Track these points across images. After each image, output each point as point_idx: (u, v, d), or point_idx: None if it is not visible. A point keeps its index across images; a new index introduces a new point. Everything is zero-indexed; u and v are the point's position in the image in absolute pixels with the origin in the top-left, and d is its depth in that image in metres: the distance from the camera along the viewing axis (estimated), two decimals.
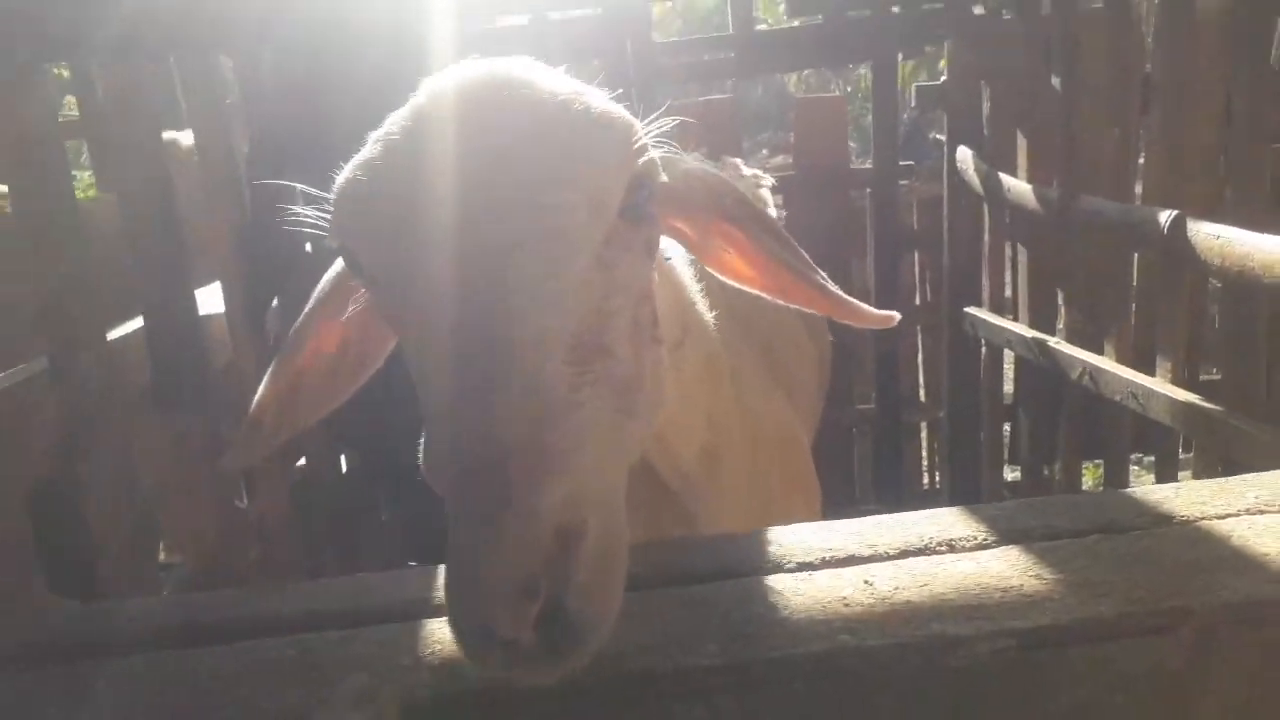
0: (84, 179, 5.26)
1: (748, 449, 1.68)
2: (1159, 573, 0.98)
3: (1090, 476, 4.49)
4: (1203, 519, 1.09)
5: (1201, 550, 1.02)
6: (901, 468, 4.58)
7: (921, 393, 5.36)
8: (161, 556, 2.89)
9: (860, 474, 4.97)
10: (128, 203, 2.00)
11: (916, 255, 5.16)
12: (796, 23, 4.74)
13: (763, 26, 4.46)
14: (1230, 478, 1.20)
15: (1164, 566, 0.99)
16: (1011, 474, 4.23)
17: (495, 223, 0.91)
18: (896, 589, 1.00)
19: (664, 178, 1.10)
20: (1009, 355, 3.77)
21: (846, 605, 0.98)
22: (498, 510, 0.78)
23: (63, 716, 0.93)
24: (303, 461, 2.77)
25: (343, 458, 2.85)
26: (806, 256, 1.22)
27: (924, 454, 5.36)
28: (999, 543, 1.09)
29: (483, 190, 0.92)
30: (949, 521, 1.15)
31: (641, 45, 3.67)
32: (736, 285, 1.28)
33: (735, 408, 1.61)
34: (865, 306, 1.23)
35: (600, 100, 1.02)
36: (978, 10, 3.57)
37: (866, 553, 1.10)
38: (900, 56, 3.96)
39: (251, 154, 2.23)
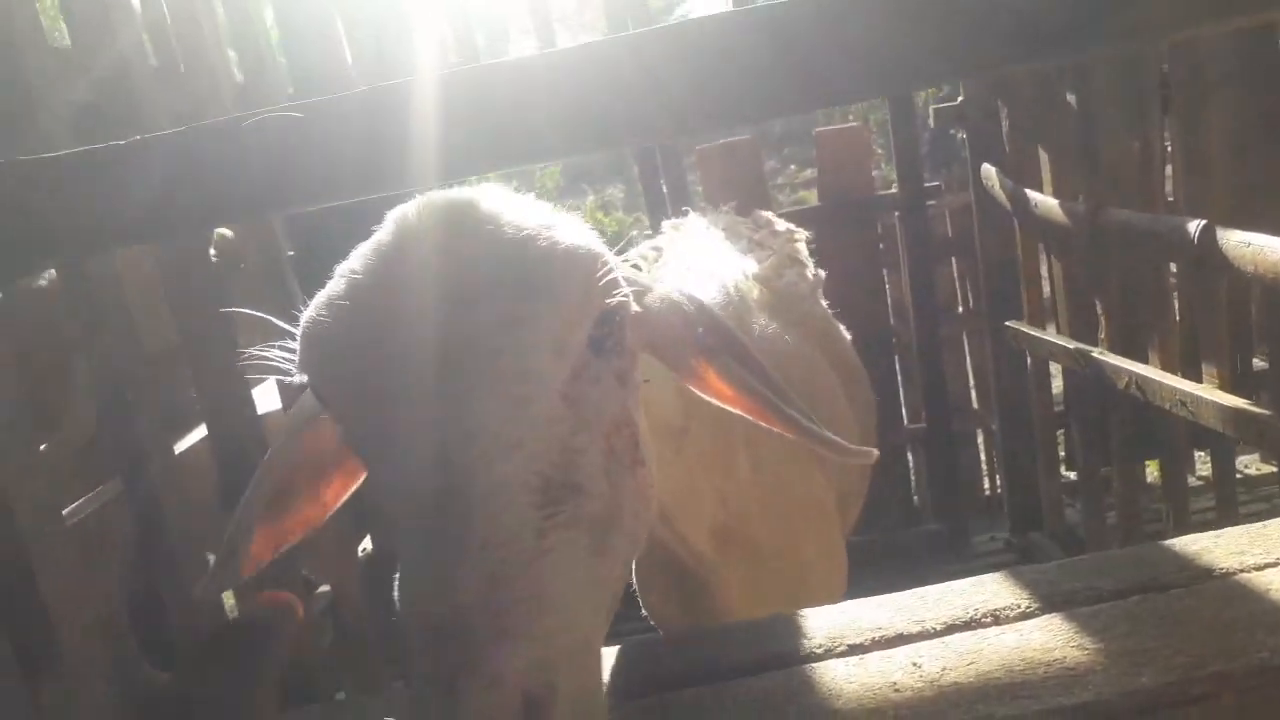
0: None
1: (771, 519, 1.67)
2: (1199, 635, 1.01)
3: (1152, 468, 4.43)
4: (1241, 571, 1.12)
5: (1240, 608, 1.04)
6: (958, 483, 4.56)
7: (973, 398, 5.32)
8: None
9: (919, 492, 4.95)
10: (181, 307, 2.10)
11: (954, 262, 5.16)
12: None
13: None
14: (1270, 522, 1.22)
15: (1204, 627, 1.02)
16: (1068, 476, 4.20)
17: (453, 368, 0.89)
18: (944, 670, 1.04)
19: (635, 308, 1.09)
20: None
21: (897, 691, 1.02)
22: (460, 675, 0.76)
23: None
24: (368, 541, 2.86)
25: None
26: (781, 385, 1.17)
27: (982, 460, 5.32)
28: (1042, 610, 1.13)
29: (441, 332, 0.91)
30: (993, 590, 1.18)
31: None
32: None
33: (753, 480, 1.61)
34: (842, 443, 1.16)
35: (569, 232, 1.00)
36: None
37: (915, 630, 1.14)
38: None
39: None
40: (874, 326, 4.39)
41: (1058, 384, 4.06)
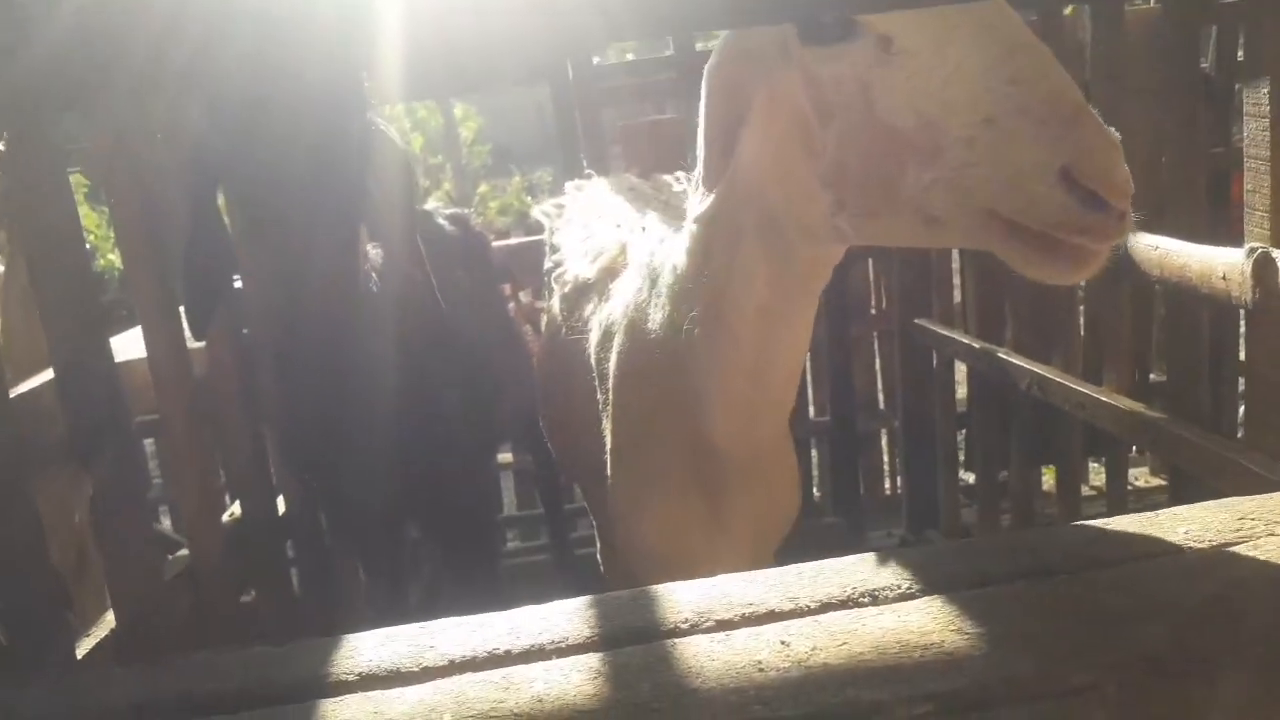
0: None
1: (789, 458, 1.93)
2: (1083, 623, 0.94)
3: (1050, 476, 4.49)
4: (1131, 559, 1.06)
5: (1126, 596, 0.98)
6: (858, 478, 4.55)
7: (880, 400, 5.34)
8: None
9: (821, 486, 4.94)
10: (35, 246, 1.92)
11: (870, 263, 5.16)
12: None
13: (702, 46, 4.42)
14: (1162, 511, 1.17)
15: (1089, 615, 0.95)
16: (968, 478, 4.23)
17: None
18: (814, 649, 0.96)
19: None
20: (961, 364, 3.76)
21: (761, 670, 0.93)
22: (1104, 127, 1.09)
23: None
24: (236, 506, 2.70)
25: (279, 500, 2.79)
26: None
27: (885, 460, 5.34)
28: (924, 592, 1.05)
29: None
30: (873, 569, 1.10)
31: (583, 69, 3.64)
32: None
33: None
34: None
35: None
36: None
37: (788, 607, 1.05)
38: None
39: (191, 169, 2.17)
40: None
41: (962, 390, 4.08)
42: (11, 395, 1.80)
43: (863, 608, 1.03)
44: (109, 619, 2.00)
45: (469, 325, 2.79)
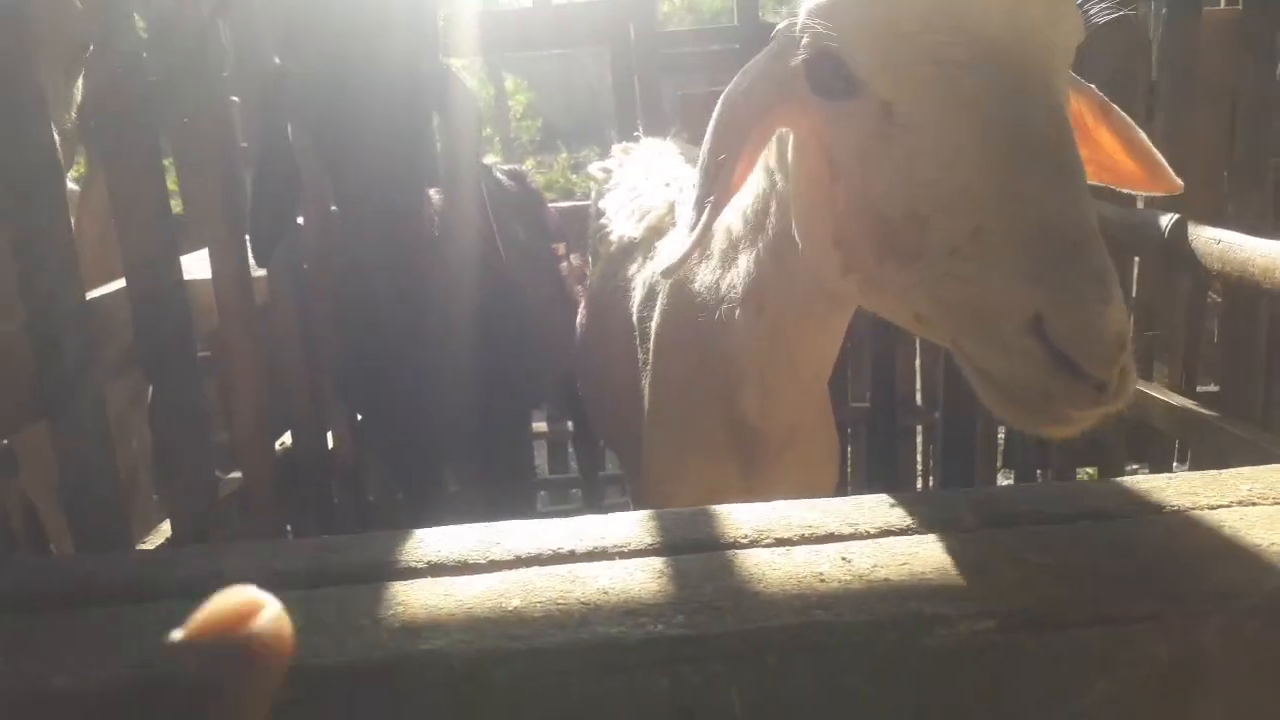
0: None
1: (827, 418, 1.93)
2: (1146, 560, 0.95)
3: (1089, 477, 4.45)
4: (1194, 509, 1.06)
5: (1189, 539, 0.99)
6: (895, 467, 4.54)
7: (918, 396, 5.32)
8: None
9: (855, 473, 4.94)
10: (113, 160, 1.97)
11: None
12: None
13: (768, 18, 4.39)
14: (1225, 470, 1.17)
15: (1151, 554, 0.96)
16: (1006, 479, 4.21)
17: (1024, 38, 1.01)
18: (875, 566, 0.97)
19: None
20: None
21: (823, 581, 0.95)
22: (1104, 274, 0.88)
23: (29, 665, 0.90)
24: (288, 435, 2.75)
25: (329, 433, 2.84)
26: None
27: (919, 457, 5.32)
28: (984, 525, 1.06)
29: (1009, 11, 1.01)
30: (933, 504, 1.12)
31: (645, 32, 3.64)
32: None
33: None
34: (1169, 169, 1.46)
35: None
36: None
37: (847, 531, 1.07)
38: None
39: (264, 103, 2.22)
40: None
41: None
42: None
43: (923, 535, 1.05)
44: (164, 528, 2.05)
45: (525, 279, 2.82)
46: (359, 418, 2.97)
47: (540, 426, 5.08)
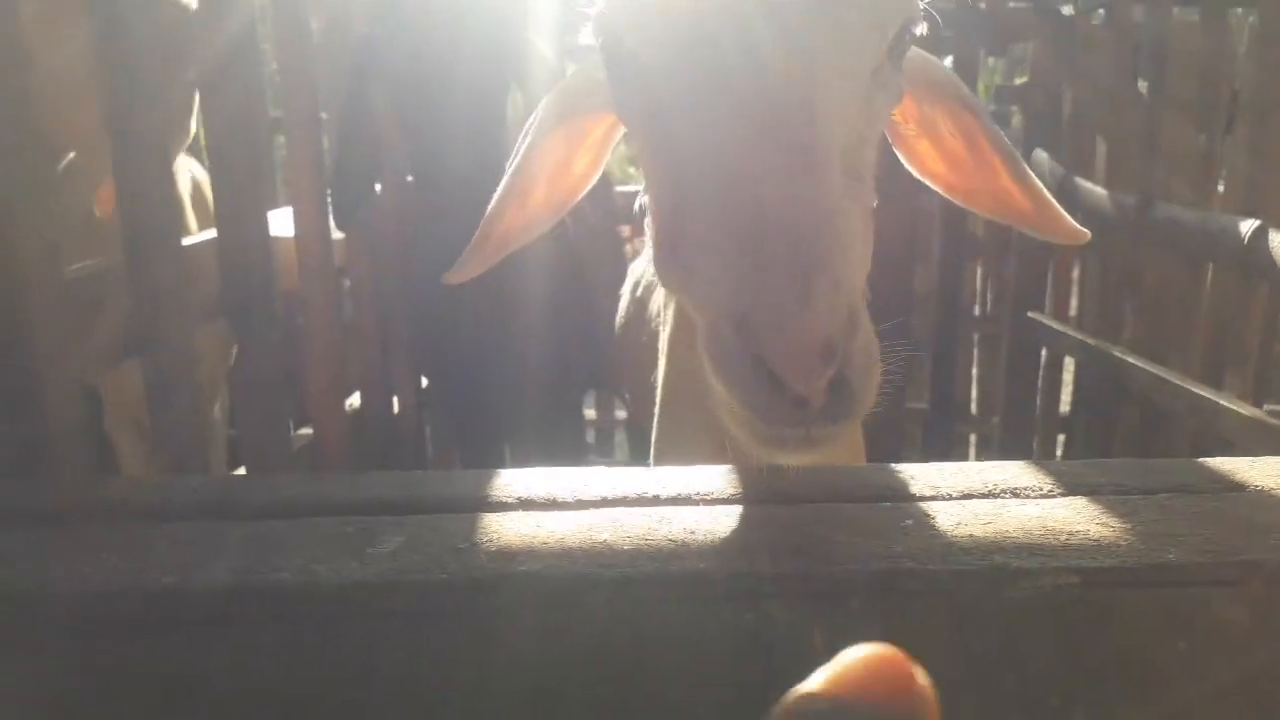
0: None
1: None
2: (1230, 529, 0.96)
3: None
4: (1277, 490, 1.07)
5: (1272, 516, 0.99)
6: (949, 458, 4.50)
7: (973, 406, 5.28)
8: None
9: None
10: (219, 129, 2.04)
11: (980, 265, 5.10)
12: None
13: None
14: None
15: (1235, 524, 0.97)
16: None
17: (792, 27, 0.87)
18: (959, 524, 0.99)
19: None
20: (1067, 368, 3.71)
21: (907, 534, 0.97)
22: (809, 272, 0.77)
23: (128, 568, 0.95)
24: (356, 396, 2.82)
25: (395, 398, 2.90)
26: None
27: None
28: (1065, 494, 1.07)
29: None
30: (1014, 473, 1.13)
31: None
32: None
33: None
34: (1066, 216, 1.24)
35: None
36: (1066, 10, 3.51)
37: (929, 493, 1.09)
38: (984, 53, 3.91)
39: (351, 72, 2.28)
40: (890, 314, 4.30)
41: (1066, 394, 4.01)
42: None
43: (1005, 499, 1.06)
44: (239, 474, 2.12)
45: (591, 256, 2.86)
46: (424, 384, 3.03)
47: (589, 413, 5.13)
